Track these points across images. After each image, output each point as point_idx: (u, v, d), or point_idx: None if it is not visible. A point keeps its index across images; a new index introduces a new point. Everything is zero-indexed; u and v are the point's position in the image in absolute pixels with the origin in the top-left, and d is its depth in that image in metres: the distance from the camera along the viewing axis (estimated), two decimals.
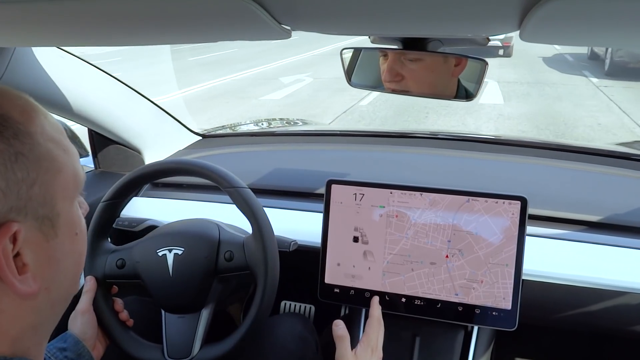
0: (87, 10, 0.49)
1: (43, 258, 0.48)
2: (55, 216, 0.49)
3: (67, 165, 0.50)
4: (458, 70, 0.93)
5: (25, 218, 0.46)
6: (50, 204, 0.48)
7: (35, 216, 0.47)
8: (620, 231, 1.10)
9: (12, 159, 0.45)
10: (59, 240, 0.50)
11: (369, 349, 0.88)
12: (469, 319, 1.03)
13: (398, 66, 0.94)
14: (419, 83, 0.96)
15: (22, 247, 0.46)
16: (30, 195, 0.46)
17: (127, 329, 0.98)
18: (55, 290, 0.51)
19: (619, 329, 1.13)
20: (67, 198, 0.51)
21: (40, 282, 0.48)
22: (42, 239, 0.48)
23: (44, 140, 0.48)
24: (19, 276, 0.46)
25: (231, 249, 0.96)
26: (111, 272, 0.98)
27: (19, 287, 0.46)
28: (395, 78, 0.96)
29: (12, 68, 1.00)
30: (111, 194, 1.01)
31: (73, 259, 0.53)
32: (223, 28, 0.59)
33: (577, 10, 0.41)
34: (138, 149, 1.47)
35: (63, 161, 0.50)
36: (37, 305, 0.49)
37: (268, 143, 1.71)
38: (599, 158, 1.36)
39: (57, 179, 0.49)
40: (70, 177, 0.51)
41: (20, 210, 0.45)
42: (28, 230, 0.46)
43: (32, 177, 0.46)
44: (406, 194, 1.05)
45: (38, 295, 0.48)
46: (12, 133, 0.45)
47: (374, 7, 0.48)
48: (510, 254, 0.99)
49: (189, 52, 13.87)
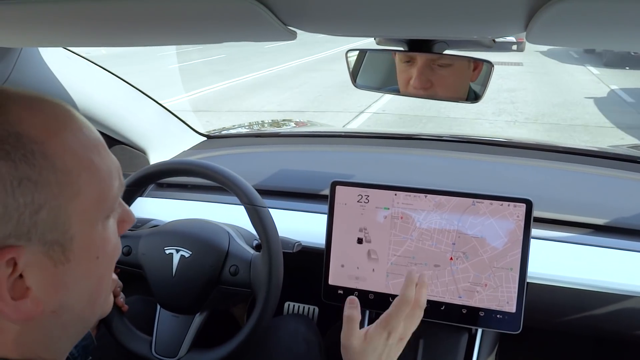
0: (92, 12, 0.49)
1: (49, 283, 0.46)
2: (68, 241, 0.46)
3: (88, 187, 0.46)
4: (476, 74, 0.92)
5: (29, 243, 0.43)
6: (62, 228, 0.45)
7: (43, 241, 0.44)
8: (625, 234, 1.10)
9: (15, 183, 0.42)
10: (71, 265, 0.47)
11: (384, 332, 0.74)
12: (473, 321, 1.02)
13: (428, 72, 0.91)
14: (446, 89, 0.93)
15: (25, 270, 0.44)
16: (35, 220, 0.43)
17: (120, 315, 0.99)
18: (65, 314, 0.49)
19: (624, 333, 1.12)
20: (87, 221, 0.47)
21: (44, 306, 0.46)
22: (50, 263, 0.45)
23: (63, 160, 0.45)
24: (14, 301, 0.44)
25: (237, 264, 0.96)
26: None
27: (8, 312, 0.44)
28: (425, 85, 0.91)
29: (19, 68, 1.01)
30: (130, 181, 1.02)
31: (89, 283, 0.50)
32: (229, 29, 0.59)
33: (584, 12, 0.41)
34: (143, 149, 1.47)
35: (84, 183, 0.46)
36: (44, 326, 0.48)
37: (273, 144, 1.71)
38: (604, 161, 1.36)
39: (74, 202, 0.45)
40: (93, 199, 0.47)
41: (22, 235, 0.43)
42: (32, 254, 0.44)
43: (38, 203, 0.43)
44: (411, 196, 1.05)
45: (43, 318, 0.47)
46: (22, 155, 0.42)
47: (380, 9, 0.48)
48: (515, 258, 0.99)
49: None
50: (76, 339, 0.54)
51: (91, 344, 0.91)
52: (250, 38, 0.64)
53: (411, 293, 0.77)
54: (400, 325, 0.76)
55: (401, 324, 0.76)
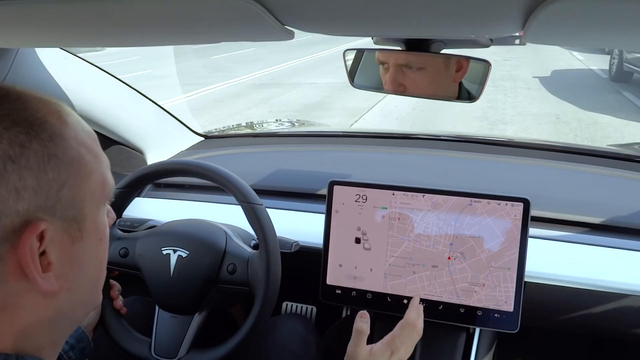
0: (90, 12, 0.49)
1: (67, 259, 0.49)
2: (82, 219, 0.50)
3: (96, 171, 0.52)
4: (459, 75, 0.94)
5: (53, 218, 0.47)
6: (79, 206, 0.49)
7: (63, 217, 0.48)
8: (623, 233, 1.10)
9: (45, 159, 0.46)
10: (84, 243, 0.51)
11: (388, 351, 0.81)
12: (471, 320, 1.02)
13: (400, 77, 0.96)
14: (421, 91, 0.97)
15: (48, 246, 0.47)
16: (59, 196, 0.47)
17: (119, 318, 0.99)
18: (77, 292, 0.52)
19: (621, 332, 1.12)
20: (94, 203, 0.52)
21: (63, 282, 0.49)
22: (68, 240, 0.49)
23: (77, 144, 0.50)
24: (43, 274, 0.47)
25: (235, 262, 0.96)
26: (113, 259, 0.99)
27: (42, 284, 0.47)
28: (398, 89, 0.97)
29: (15, 69, 1.01)
30: (127, 182, 1.01)
31: (95, 264, 0.54)
32: (226, 29, 0.59)
33: (581, 11, 0.41)
34: (140, 150, 1.47)
35: (93, 167, 0.51)
36: (58, 304, 0.50)
37: (270, 144, 1.71)
38: (602, 160, 1.36)
39: (86, 183, 0.50)
40: (99, 183, 0.52)
41: (49, 209, 0.47)
42: (55, 231, 0.47)
43: (62, 179, 0.48)
44: (408, 195, 1.05)
45: (59, 294, 0.49)
46: (48, 135, 0.47)
47: (377, 8, 0.48)
48: (513, 257, 0.99)
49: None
50: (74, 327, 0.57)
51: (88, 346, 0.91)
52: (247, 38, 0.64)
53: (415, 316, 0.85)
54: (403, 347, 0.82)
55: (403, 345, 0.82)
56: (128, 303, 1.04)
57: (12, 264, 0.45)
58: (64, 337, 0.56)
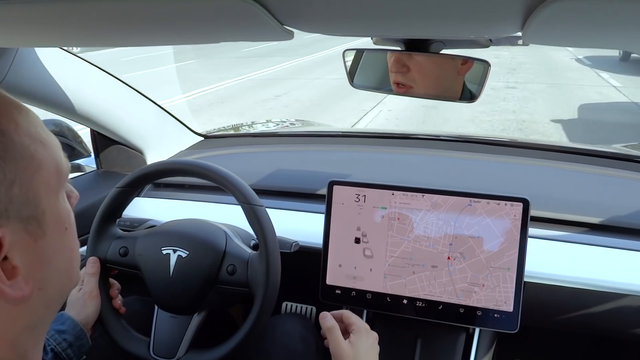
0: (89, 11, 0.49)
1: (33, 259, 0.47)
2: (41, 214, 0.47)
3: (47, 160, 0.48)
4: (465, 68, 0.92)
5: (8, 221, 0.44)
6: (34, 202, 0.46)
7: (19, 217, 0.45)
8: (622, 233, 1.10)
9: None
10: (48, 238, 0.48)
11: (361, 333, 0.85)
12: (471, 321, 1.02)
13: (405, 57, 0.93)
14: (425, 76, 0.95)
15: (10, 250, 0.44)
16: (10, 197, 0.44)
17: (118, 317, 0.99)
18: (50, 289, 0.50)
19: (621, 331, 1.12)
20: (51, 194, 0.48)
21: (33, 284, 0.47)
22: (30, 239, 0.46)
23: (19, 136, 0.46)
24: (9, 281, 0.44)
25: (235, 263, 0.96)
26: (113, 258, 0.99)
27: (10, 292, 0.44)
28: (401, 69, 0.95)
29: (14, 69, 1.01)
30: (127, 181, 1.01)
31: (64, 255, 0.51)
32: (225, 29, 0.59)
33: (581, 11, 0.41)
34: (140, 150, 1.47)
35: (42, 156, 0.47)
36: (32, 306, 0.48)
37: (270, 144, 1.71)
38: (601, 160, 1.36)
39: (38, 175, 0.47)
40: (52, 171, 0.49)
41: (1, 213, 0.43)
42: (14, 233, 0.44)
43: (9, 178, 0.44)
44: (408, 195, 1.05)
45: (31, 296, 0.47)
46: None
47: (376, 9, 0.48)
48: (512, 257, 0.99)
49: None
50: (50, 321, 0.55)
51: (86, 344, 0.91)
52: (246, 38, 0.64)
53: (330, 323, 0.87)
54: (357, 319, 0.88)
55: (355, 318, 0.88)
56: (127, 302, 1.04)
57: None
58: (44, 333, 0.54)
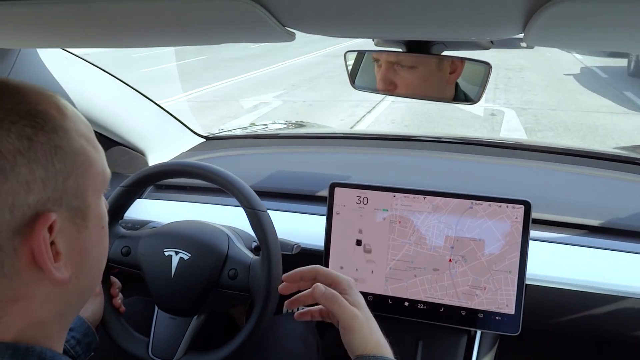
0: (91, 13, 0.50)
1: (74, 248, 0.50)
2: (86, 208, 0.51)
3: (96, 162, 0.53)
4: (454, 77, 0.93)
5: (60, 209, 0.48)
6: (83, 196, 0.51)
7: (69, 207, 0.49)
8: (623, 236, 1.10)
9: (52, 151, 0.47)
10: (89, 231, 0.52)
11: (352, 288, 0.80)
12: (472, 323, 1.02)
13: (391, 74, 0.96)
14: (412, 90, 0.98)
15: (57, 236, 0.48)
16: (65, 187, 0.48)
17: (118, 316, 0.99)
18: (84, 279, 0.53)
19: (622, 334, 1.12)
20: (96, 192, 0.53)
21: (72, 270, 0.50)
22: (74, 229, 0.50)
23: (78, 136, 0.51)
24: (55, 264, 0.48)
25: (236, 268, 0.95)
26: (115, 256, 0.99)
27: (55, 274, 0.48)
28: (388, 87, 0.98)
29: (17, 69, 1.01)
30: (129, 182, 1.01)
31: (99, 250, 0.55)
32: (227, 31, 0.59)
33: (581, 13, 0.41)
34: (142, 151, 1.47)
35: (93, 157, 0.52)
36: (67, 292, 0.51)
37: (271, 145, 1.71)
38: (603, 162, 1.36)
39: (89, 173, 0.51)
40: (100, 172, 0.53)
41: (57, 200, 0.48)
42: (62, 221, 0.48)
43: (68, 170, 0.49)
44: (409, 198, 1.05)
45: (69, 283, 0.50)
46: (52, 127, 0.48)
47: (378, 10, 0.48)
48: (514, 260, 0.99)
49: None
50: (77, 312, 0.58)
51: (94, 341, 0.91)
52: (248, 39, 0.64)
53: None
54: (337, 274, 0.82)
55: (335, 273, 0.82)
56: (128, 302, 1.04)
57: (25, 256, 0.46)
58: (70, 323, 0.57)
